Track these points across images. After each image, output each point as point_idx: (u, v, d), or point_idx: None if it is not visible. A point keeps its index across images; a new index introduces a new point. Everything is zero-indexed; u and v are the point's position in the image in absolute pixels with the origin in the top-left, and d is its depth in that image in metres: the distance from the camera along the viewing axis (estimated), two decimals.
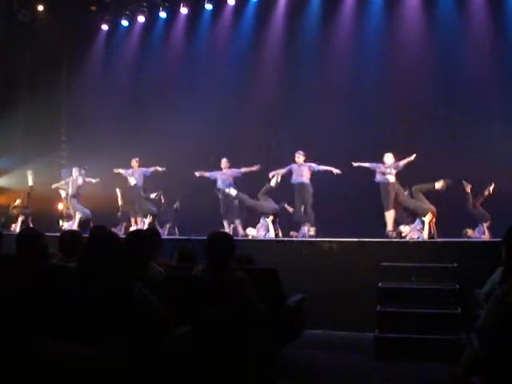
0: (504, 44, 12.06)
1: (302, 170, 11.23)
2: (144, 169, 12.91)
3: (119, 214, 13.35)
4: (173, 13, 15.04)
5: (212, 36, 14.85)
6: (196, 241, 9.29)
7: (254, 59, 14.05)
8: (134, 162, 12.95)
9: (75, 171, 12.99)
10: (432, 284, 7.72)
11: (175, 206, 13.33)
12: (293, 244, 9.94)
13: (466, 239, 10.49)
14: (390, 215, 10.39)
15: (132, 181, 12.80)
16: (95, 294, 3.10)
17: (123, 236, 6.73)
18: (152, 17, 15.29)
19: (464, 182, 11.21)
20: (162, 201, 13.03)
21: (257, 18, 14.26)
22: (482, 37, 12.16)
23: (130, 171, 12.94)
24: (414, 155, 10.43)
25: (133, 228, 11.95)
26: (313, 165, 11.28)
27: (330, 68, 13.24)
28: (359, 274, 8.16)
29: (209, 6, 14.55)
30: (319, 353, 7.09)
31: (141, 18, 15.33)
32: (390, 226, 10.33)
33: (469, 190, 11.21)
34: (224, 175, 12.04)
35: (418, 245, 9.09)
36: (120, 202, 13.35)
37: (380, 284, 7.78)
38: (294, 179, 11.23)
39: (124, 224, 12.92)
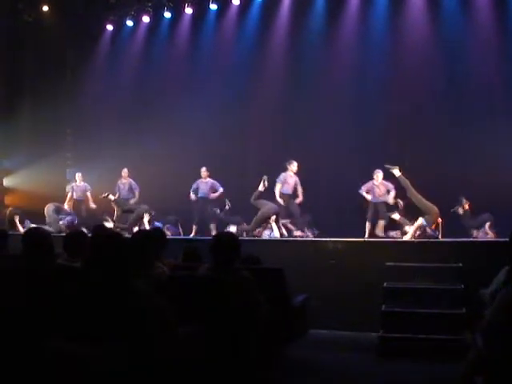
0: (510, 42, 12.03)
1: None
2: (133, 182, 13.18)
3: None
4: (177, 13, 15.04)
5: (217, 36, 14.84)
6: (201, 241, 9.33)
7: (258, 59, 14.04)
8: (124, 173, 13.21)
9: None
10: (437, 284, 7.71)
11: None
12: (298, 244, 9.95)
13: (470, 239, 10.48)
14: None
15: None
16: (99, 293, 3.11)
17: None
18: (157, 17, 15.29)
19: (464, 199, 11.13)
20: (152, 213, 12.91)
21: (261, 18, 14.25)
22: (487, 35, 12.13)
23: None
24: None
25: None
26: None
27: (334, 67, 13.23)
28: (364, 273, 8.16)
29: (213, 6, 14.55)
30: (323, 353, 7.08)
31: (145, 18, 15.33)
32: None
33: (467, 207, 11.15)
34: (204, 184, 12.44)
35: (422, 245, 9.09)
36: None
37: (385, 284, 7.77)
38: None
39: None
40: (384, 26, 13.00)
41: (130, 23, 15.58)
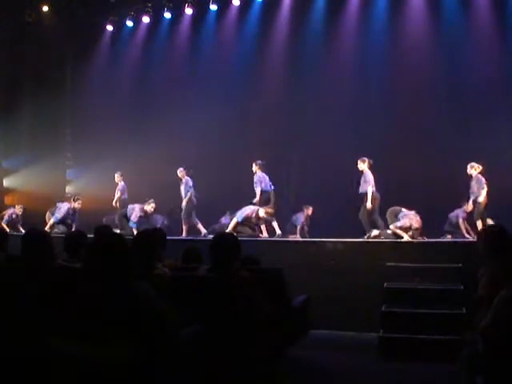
0: (510, 43, 12.04)
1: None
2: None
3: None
4: (177, 13, 15.05)
5: (217, 36, 14.86)
6: (201, 241, 9.32)
7: (258, 59, 14.06)
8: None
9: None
10: (436, 284, 7.71)
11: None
12: (298, 245, 9.94)
13: (470, 239, 10.47)
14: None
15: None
16: (100, 294, 3.11)
17: None
18: (157, 17, 15.30)
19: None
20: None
21: (261, 19, 14.27)
22: (487, 36, 12.15)
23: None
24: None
25: None
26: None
27: (334, 68, 13.25)
28: (364, 274, 8.16)
29: (213, 7, 14.56)
30: (324, 353, 7.08)
31: (145, 19, 15.34)
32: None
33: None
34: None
35: (422, 245, 9.09)
36: None
37: (385, 284, 7.78)
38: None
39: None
40: (384, 28, 13.02)
41: (129, 23, 15.59)
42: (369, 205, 10.30)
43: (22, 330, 2.75)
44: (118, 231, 10.75)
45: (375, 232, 9.93)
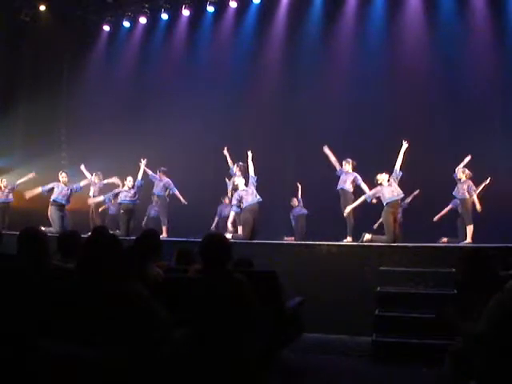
0: (506, 45, 12.10)
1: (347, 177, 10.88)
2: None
3: None
4: (174, 15, 15.07)
5: (213, 38, 14.89)
6: (194, 242, 9.30)
7: (255, 61, 14.07)
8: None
9: None
10: (430, 289, 7.72)
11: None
12: (292, 247, 9.94)
13: (464, 244, 10.49)
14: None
15: None
16: (94, 295, 3.10)
17: None
18: (154, 18, 15.32)
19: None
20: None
21: (258, 21, 14.30)
22: (485, 38, 12.21)
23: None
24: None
25: None
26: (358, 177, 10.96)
27: (332, 70, 13.29)
28: (358, 278, 8.16)
29: (210, 9, 14.58)
30: (317, 356, 7.08)
31: (142, 20, 15.35)
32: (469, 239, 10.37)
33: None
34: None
35: (416, 250, 9.09)
36: None
37: (378, 288, 7.78)
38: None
39: None
40: (381, 31, 13.07)
41: (126, 24, 15.59)
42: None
43: (21, 330, 2.74)
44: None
45: (367, 236, 9.94)
